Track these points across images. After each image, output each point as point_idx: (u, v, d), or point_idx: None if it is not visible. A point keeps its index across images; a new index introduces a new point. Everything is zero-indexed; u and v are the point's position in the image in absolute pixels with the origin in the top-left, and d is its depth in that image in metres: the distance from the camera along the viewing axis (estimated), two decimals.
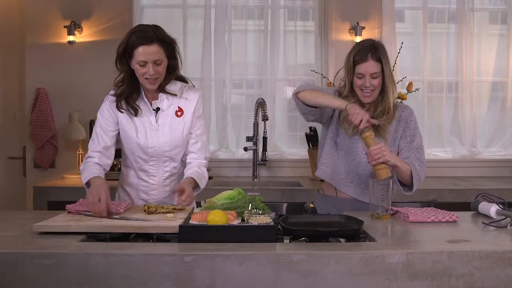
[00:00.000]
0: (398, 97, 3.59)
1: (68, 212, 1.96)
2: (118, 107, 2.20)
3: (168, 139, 2.24)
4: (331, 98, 2.23)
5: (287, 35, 3.91)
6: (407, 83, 3.66)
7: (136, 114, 2.21)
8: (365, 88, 2.25)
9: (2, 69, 3.96)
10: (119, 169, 3.48)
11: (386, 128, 2.30)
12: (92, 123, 3.54)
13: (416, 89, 3.62)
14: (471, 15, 3.88)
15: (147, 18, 3.90)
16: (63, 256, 1.52)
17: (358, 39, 3.76)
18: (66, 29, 3.71)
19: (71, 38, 3.72)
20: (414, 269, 1.53)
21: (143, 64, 2.11)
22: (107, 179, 2.15)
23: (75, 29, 3.73)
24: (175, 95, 2.25)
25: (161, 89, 2.23)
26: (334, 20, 3.83)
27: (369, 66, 2.22)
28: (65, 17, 3.77)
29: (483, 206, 2.12)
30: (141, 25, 2.19)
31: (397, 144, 2.35)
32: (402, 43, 3.71)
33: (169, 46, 2.16)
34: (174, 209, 2.00)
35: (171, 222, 1.79)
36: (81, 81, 3.76)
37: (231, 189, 2.05)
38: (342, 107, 2.17)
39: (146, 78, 2.14)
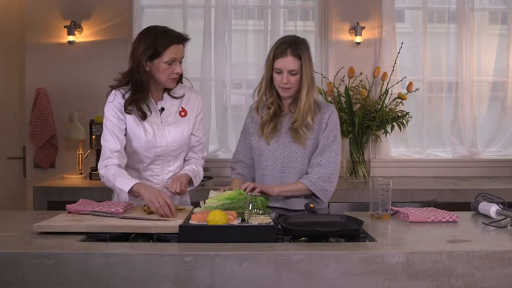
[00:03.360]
0: (398, 97, 3.60)
1: (68, 212, 1.96)
2: (127, 110, 2.19)
3: (174, 139, 2.26)
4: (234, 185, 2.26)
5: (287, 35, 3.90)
6: (407, 83, 3.66)
7: (145, 118, 2.21)
8: (283, 85, 2.19)
9: (2, 69, 3.96)
10: None
11: (303, 134, 2.21)
12: (92, 123, 3.54)
13: (416, 89, 3.62)
14: (471, 15, 3.87)
15: (147, 18, 3.90)
16: (63, 256, 1.52)
17: (358, 39, 3.76)
18: (66, 29, 3.71)
19: (71, 38, 3.72)
20: (414, 269, 1.53)
21: (172, 62, 2.14)
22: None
23: (75, 29, 3.73)
24: (182, 96, 2.30)
25: (168, 90, 2.27)
26: (334, 20, 3.82)
27: (288, 62, 2.15)
28: (65, 17, 3.77)
29: (483, 206, 2.12)
30: (161, 26, 2.21)
31: (316, 145, 2.26)
32: (402, 43, 3.72)
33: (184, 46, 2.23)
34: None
35: (171, 222, 1.79)
36: (81, 81, 3.76)
37: (232, 189, 2.06)
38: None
39: (171, 78, 2.17)
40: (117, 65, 3.70)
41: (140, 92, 2.18)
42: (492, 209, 2.05)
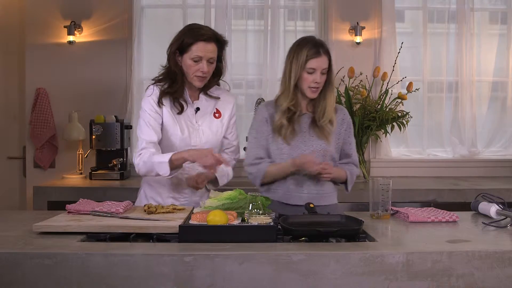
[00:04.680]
0: (398, 97, 3.60)
1: (68, 212, 1.96)
2: (160, 102, 2.21)
3: (208, 139, 2.27)
4: (283, 169, 2.24)
5: (287, 35, 3.91)
6: (407, 83, 3.66)
7: (181, 112, 2.24)
8: (315, 84, 2.21)
9: (2, 69, 3.97)
10: (119, 169, 3.49)
11: (329, 130, 2.27)
12: (92, 123, 3.53)
13: (416, 89, 3.62)
14: (471, 15, 3.88)
15: (147, 18, 3.90)
16: (63, 256, 1.52)
17: (358, 39, 3.76)
18: (66, 29, 3.71)
19: (71, 38, 3.72)
20: (414, 269, 1.53)
21: (198, 60, 2.15)
22: (106, 179, 2.15)
23: (75, 29, 3.73)
24: (218, 98, 2.31)
25: (205, 90, 2.28)
26: (334, 20, 3.83)
27: (322, 61, 2.20)
28: (65, 17, 3.77)
29: (483, 206, 2.12)
30: (197, 24, 2.25)
31: (340, 144, 2.35)
32: (402, 43, 3.72)
33: (221, 48, 2.23)
34: (174, 209, 2.00)
35: (171, 222, 1.79)
36: (81, 81, 3.76)
37: (232, 189, 2.05)
38: (291, 169, 2.21)
39: (196, 76, 2.18)
40: (117, 65, 3.76)
41: (174, 85, 2.21)
42: (492, 209, 2.05)
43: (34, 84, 3.76)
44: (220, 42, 2.20)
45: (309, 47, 2.22)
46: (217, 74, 2.29)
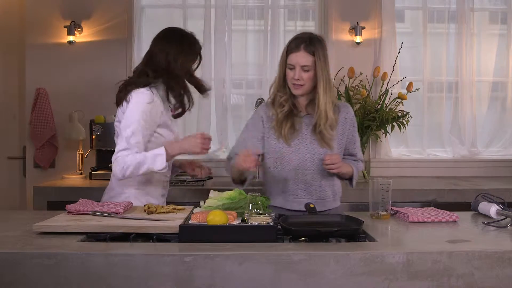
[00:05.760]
0: (398, 97, 3.60)
1: (68, 212, 1.96)
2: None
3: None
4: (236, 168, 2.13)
5: (287, 35, 3.90)
6: (407, 83, 3.66)
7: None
8: (295, 81, 2.14)
9: (2, 69, 3.97)
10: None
11: (329, 135, 2.18)
12: (92, 123, 3.53)
13: (416, 89, 3.62)
14: (471, 15, 3.88)
15: (147, 18, 3.90)
16: (63, 256, 1.52)
17: (358, 39, 3.77)
18: (66, 29, 3.71)
19: (71, 38, 3.72)
20: (414, 269, 1.53)
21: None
22: (106, 179, 2.15)
23: (75, 29, 3.73)
24: None
25: None
26: (334, 20, 3.83)
27: (300, 57, 2.11)
28: (65, 17, 3.77)
29: (483, 206, 2.12)
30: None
31: (344, 143, 2.30)
32: (402, 43, 3.72)
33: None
34: (174, 209, 2.00)
35: (171, 222, 1.79)
36: (81, 81, 3.76)
37: (232, 189, 2.05)
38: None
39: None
40: (117, 65, 3.75)
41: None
42: (492, 209, 2.05)
43: (34, 84, 3.76)
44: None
45: (292, 41, 2.16)
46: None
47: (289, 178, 2.24)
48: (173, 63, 2.22)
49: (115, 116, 3.56)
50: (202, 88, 2.33)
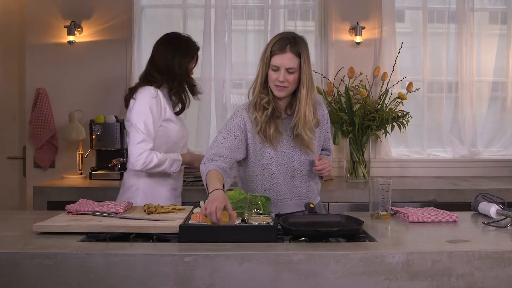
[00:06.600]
0: (398, 97, 3.60)
1: (68, 212, 1.96)
2: None
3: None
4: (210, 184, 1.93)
5: None
6: (407, 83, 3.66)
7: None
8: (279, 83, 2.06)
9: (2, 69, 3.96)
10: (119, 169, 3.48)
11: (308, 138, 2.13)
12: (92, 123, 3.53)
13: (416, 89, 3.62)
14: (471, 15, 3.87)
15: (147, 18, 3.90)
16: (63, 256, 1.52)
17: (358, 39, 3.76)
18: (66, 29, 3.71)
19: (71, 38, 3.71)
20: (414, 269, 1.53)
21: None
22: (106, 179, 2.16)
23: (75, 29, 3.73)
24: None
25: None
26: (334, 20, 3.83)
27: (286, 59, 2.02)
28: (65, 17, 3.77)
29: (483, 206, 2.12)
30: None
31: (322, 140, 2.29)
32: (402, 43, 3.72)
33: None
34: (174, 209, 2.00)
35: (171, 222, 1.79)
36: (81, 81, 3.76)
37: (232, 189, 2.05)
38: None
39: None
40: (117, 65, 3.75)
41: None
42: (492, 209, 2.05)
43: (34, 84, 3.75)
44: None
45: (276, 42, 2.06)
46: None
47: (278, 183, 2.18)
48: (171, 63, 2.46)
49: (115, 116, 3.61)
50: (194, 89, 2.56)
